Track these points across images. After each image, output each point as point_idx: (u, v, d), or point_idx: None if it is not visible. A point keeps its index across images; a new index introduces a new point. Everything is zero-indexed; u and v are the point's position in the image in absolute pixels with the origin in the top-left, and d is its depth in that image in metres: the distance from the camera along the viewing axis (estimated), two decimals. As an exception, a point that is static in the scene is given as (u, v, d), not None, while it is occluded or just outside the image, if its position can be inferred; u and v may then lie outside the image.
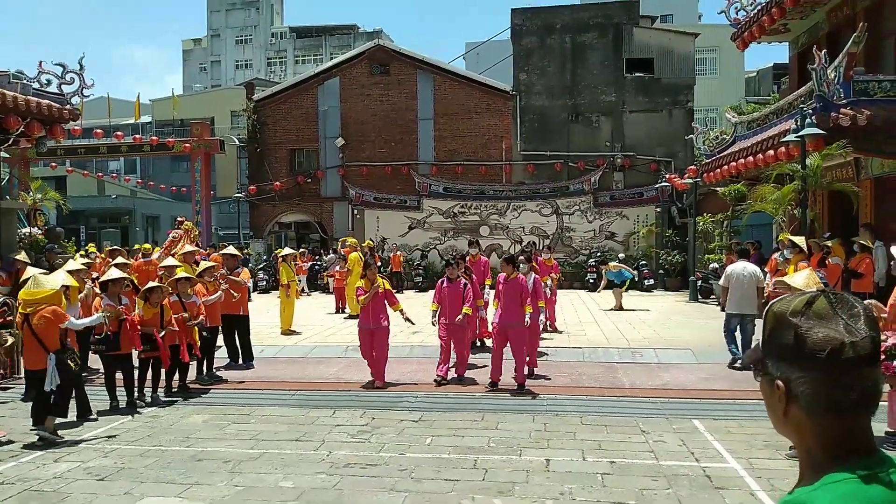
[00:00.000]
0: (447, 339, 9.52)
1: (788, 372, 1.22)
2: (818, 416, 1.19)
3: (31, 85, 12.97)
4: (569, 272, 24.88)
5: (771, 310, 1.29)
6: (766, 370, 1.27)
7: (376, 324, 9.31)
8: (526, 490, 5.55)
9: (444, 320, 9.50)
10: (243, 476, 5.98)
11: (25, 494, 5.61)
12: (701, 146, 20.00)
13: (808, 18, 16.49)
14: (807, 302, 1.24)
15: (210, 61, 69.12)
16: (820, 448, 1.21)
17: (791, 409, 1.22)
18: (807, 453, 1.24)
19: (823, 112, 11.91)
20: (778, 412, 1.25)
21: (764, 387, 1.29)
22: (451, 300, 9.51)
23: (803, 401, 1.20)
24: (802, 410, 1.21)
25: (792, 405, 1.22)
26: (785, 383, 1.22)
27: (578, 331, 13.82)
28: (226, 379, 10.15)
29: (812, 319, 1.21)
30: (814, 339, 1.19)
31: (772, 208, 13.72)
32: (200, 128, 28.54)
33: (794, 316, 1.23)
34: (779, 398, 1.23)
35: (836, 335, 1.18)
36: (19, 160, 26.43)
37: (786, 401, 1.22)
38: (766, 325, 1.29)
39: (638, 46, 26.15)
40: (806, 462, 1.25)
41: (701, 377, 9.79)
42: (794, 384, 1.21)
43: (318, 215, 28.42)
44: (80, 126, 19.54)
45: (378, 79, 27.67)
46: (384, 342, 9.41)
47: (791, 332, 1.22)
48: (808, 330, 1.20)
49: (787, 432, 1.28)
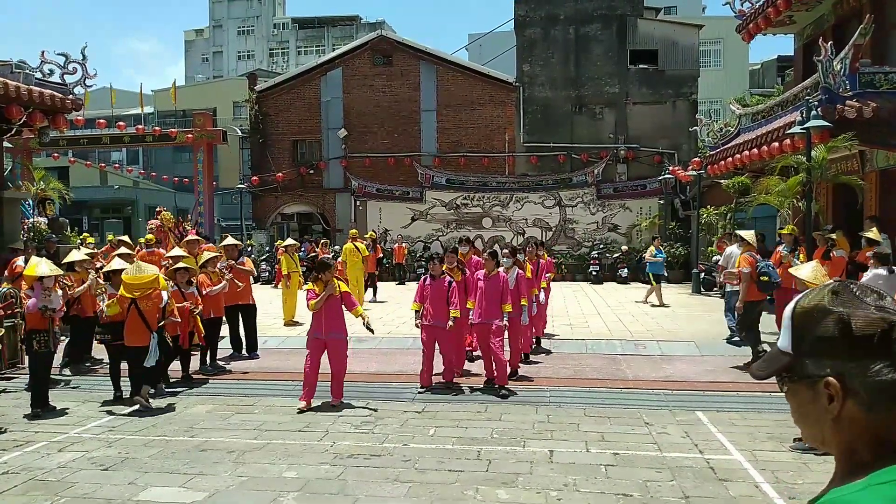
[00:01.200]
0: (430, 343, 8.65)
1: (839, 366, 1.10)
2: (879, 408, 1.08)
3: (33, 75, 12.96)
4: (572, 264, 24.90)
5: (799, 306, 1.19)
6: (805, 373, 1.15)
7: (330, 333, 7.93)
8: (530, 481, 5.55)
9: (427, 321, 8.62)
10: (247, 466, 5.98)
11: (30, 484, 5.63)
12: (705, 138, 19.97)
13: (813, 10, 16.38)
14: (833, 292, 1.16)
15: (212, 52, 68.97)
16: (869, 447, 1.10)
17: (846, 407, 1.10)
18: (850, 453, 1.12)
19: (829, 104, 11.86)
20: (826, 415, 1.12)
21: (800, 393, 1.17)
22: (433, 300, 8.63)
23: (864, 393, 1.08)
24: (862, 405, 1.09)
25: (848, 402, 1.10)
26: (838, 379, 1.10)
27: (581, 322, 13.81)
28: (230, 370, 10.16)
29: (846, 306, 1.12)
30: (860, 324, 1.09)
31: (776, 201, 13.67)
32: (203, 118, 28.48)
33: (832, 305, 1.14)
34: (829, 399, 1.11)
35: (877, 317, 1.09)
36: (22, 150, 26.40)
37: (842, 398, 1.10)
38: (795, 323, 1.18)
39: (642, 38, 26.04)
40: (846, 462, 1.13)
41: (704, 369, 9.78)
42: (849, 378, 1.09)
43: (320, 206, 28.40)
44: (83, 116, 19.52)
45: (381, 70, 27.58)
46: (342, 354, 8.05)
47: (832, 322, 1.12)
48: (850, 315, 1.11)
49: (831, 437, 1.14)
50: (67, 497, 5.33)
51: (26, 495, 5.38)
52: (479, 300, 8.66)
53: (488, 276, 8.69)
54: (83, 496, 5.35)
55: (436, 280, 8.70)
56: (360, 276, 16.58)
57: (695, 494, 5.25)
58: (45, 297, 7.97)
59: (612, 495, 5.25)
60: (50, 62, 13.34)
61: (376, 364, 10.28)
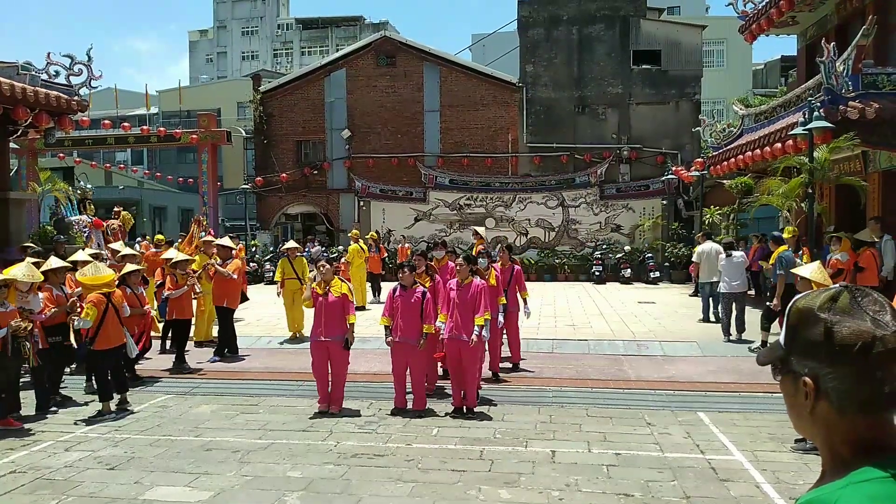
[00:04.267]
0: (400, 365, 7.74)
1: (817, 368, 1.18)
2: (848, 412, 1.16)
3: (39, 76, 13.03)
4: (574, 264, 24.92)
5: (795, 306, 1.26)
6: (791, 368, 1.24)
7: (331, 336, 7.67)
8: (532, 481, 5.60)
9: (398, 337, 7.67)
10: (252, 465, 6.04)
11: (37, 483, 5.69)
12: (708, 138, 19.95)
13: (816, 11, 16.36)
14: (831, 297, 1.21)
15: (216, 52, 69.12)
16: (847, 446, 1.17)
17: (818, 406, 1.19)
18: (831, 451, 1.21)
19: (832, 105, 11.86)
20: (803, 410, 1.22)
21: (787, 385, 1.26)
22: (404, 313, 7.65)
23: (834, 397, 1.17)
24: (832, 407, 1.17)
25: (820, 402, 1.19)
26: (813, 380, 1.19)
27: (584, 323, 13.84)
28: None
29: (839, 314, 1.18)
30: (843, 334, 1.16)
31: (779, 201, 13.68)
32: (207, 119, 28.55)
33: (821, 311, 1.20)
34: (805, 395, 1.20)
35: (866, 329, 1.15)
36: (27, 151, 26.51)
37: (814, 398, 1.19)
38: (790, 321, 1.26)
39: (645, 38, 26.03)
40: (829, 460, 1.21)
41: (707, 370, 9.81)
42: (822, 380, 1.18)
43: (324, 207, 28.45)
44: (88, 117, 19.59)
45: (384, 70, 27.62)
46: (344, 359, 7.80)
47: (819, 328, 1.19)
48: (837, 324, 1.17)
49: (811, 430, 1.24)
50: (74, 496, 5.39)
51: (33, 494, 5.44)
52: (451, 312, 7.67)
53: (461, 285, 7.72)
54: (89, 495, 5.41)
55: (406, 291, 7.78)
56: (363, 277, 16.71)
57: (696, 495, 5.29)
58: (22, 298, 7.92)
59: (614, 495, 5.29)
60: (55, 63, 13.42)
61: (379, 364, 10.31)
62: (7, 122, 12.98)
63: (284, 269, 12.59)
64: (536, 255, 25.67)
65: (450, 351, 7.74)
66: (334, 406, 7.78)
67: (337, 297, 7.74)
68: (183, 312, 10.56)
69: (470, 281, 7.73)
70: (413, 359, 7.71)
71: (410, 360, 7.72)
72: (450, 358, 7.78)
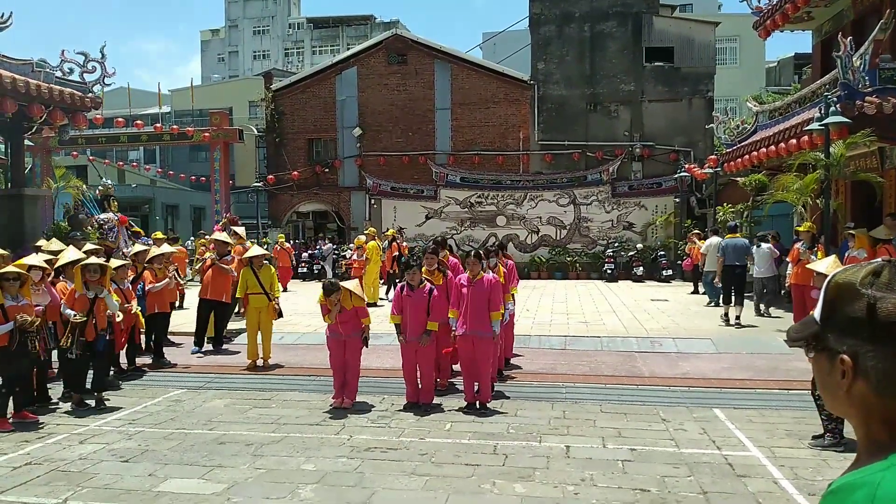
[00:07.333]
0: (410, 364, 7.73)
1: (856, 346, 1.13)
2: (888, 393, 1.10)
3: (53, 73, 13.12)
4: (586, 262, 24.85)
5: (834, 281, 1.20)
6: (826, 345, 1.18)
7: (349, 333, 7.82)
8: (547, 475, 5.56)
9: (407, 337, 7.68)
10: (265, 459, 6.03)
11: (52, 474, 5.71)
12: (721, 135, 19.80)
13: (832, 6, 16.20)
14: (873, 272, 1.16)
15: (228, 52, 69.43)
16: (886, 427, 1.12)
17: (856, 385, 1.14)
18: (867, 433, 1.16)
19: (848, 100, 11.73)
20: (839, 390, 1.16)
21: (821, 362, 1.20)
22: (413, 312, 7.62)
23: (873, 377, 1.11)
24: (870, 387, 1.12)
25: (857, 381, 1.13)
26: (852, 358, 1.13)
27: (597, 320, 13.78)
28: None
29: (882, 290, 1.13)
30: (888, 310, 1.10)
31: (794, 198, 13.57)
32: (219, 117, 28.69)
33: (863, 286, 1.14)
34: (842, 374, 1.15)
35: None
36: (42, 149, 26.72)
37: (851, 377, 1.14)
38: (828, 296, 1.20)
39: (657, 35, 25.89)
40: (865, 443, 1.16)
41: (721, 367, 9.73)
42: (862, 359, 1.12)
43: (335, 205, 28.50)
44: (102, 115, 19.71)
45: (395, 68, 27.61)
46: (360, 349, 7.90)
47: (861, 303, 1.13)
48: (881, 300, 1.11)
49: (846, 410, 1.19)
50: (89, 487, 5.40)
51: (49, 485, 5.46)
52: (465, 309, 7.56)
53: (473, 281, 7.60)
54: (104, 487, 5.42)
55: (415, 290, 7.69)
56: (377, 274, 16.83)
57: (713, 490, 5.23)
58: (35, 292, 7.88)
59: (630, 490, 5.24)
60: (70, 61, 13.51)
61: (391, 360, 10.29)
62: (22, 118, 13.07)
63: (248, 280, 10.14)
64: (548, 252, 25.61)
65: (463, 348, 7.64)
66: (348, 397, 7.77)
67: (349, 310, 7.79)
68: (164, 306, 10.77)
69: (481, 277, 7.64)
70: (422, 357, 7.71)
71: (419, 357, 7.70)
72: (463, 355, 7.71)
